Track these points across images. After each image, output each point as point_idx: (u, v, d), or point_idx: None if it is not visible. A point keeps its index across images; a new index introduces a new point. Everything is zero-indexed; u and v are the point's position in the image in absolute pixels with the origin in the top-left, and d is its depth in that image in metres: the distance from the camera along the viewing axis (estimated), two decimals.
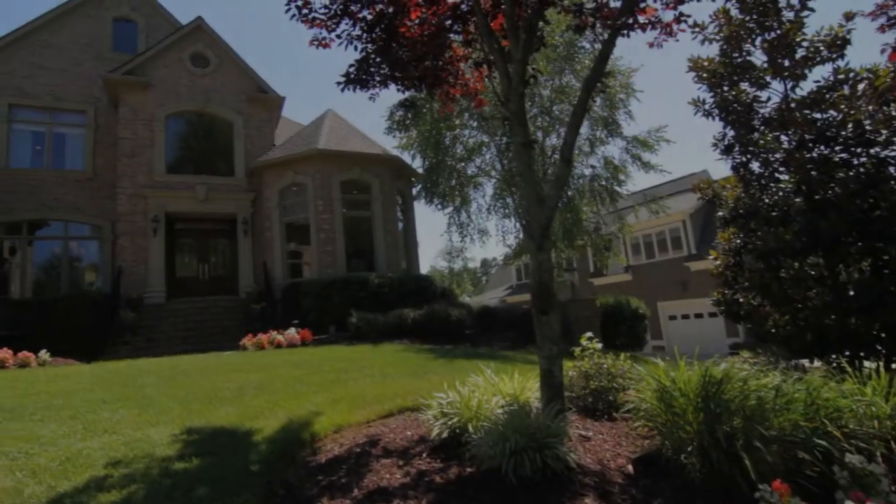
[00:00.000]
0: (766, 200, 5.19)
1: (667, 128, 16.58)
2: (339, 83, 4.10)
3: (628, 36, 3.14)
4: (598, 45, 14.56)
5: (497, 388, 3.53)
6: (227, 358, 7.16)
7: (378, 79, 4.21)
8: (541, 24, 3.18)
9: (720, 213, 5.44)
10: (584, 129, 17.37)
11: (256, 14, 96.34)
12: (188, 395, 4.36)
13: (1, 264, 13.61)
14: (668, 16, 4.18)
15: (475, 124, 16.46)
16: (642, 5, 3.14)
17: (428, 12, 4.30)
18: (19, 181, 13.49)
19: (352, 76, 4.08)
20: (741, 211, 5.33)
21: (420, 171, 17.26)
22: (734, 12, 5.63)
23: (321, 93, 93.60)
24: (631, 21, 3.12)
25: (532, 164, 3.15)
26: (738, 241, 5.07)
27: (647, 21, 3.23)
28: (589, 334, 4.29)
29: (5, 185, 13.34)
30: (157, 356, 10.59)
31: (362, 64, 4.25)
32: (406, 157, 16.92)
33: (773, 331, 5.26)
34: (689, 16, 4.19)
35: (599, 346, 4.13)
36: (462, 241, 16.41)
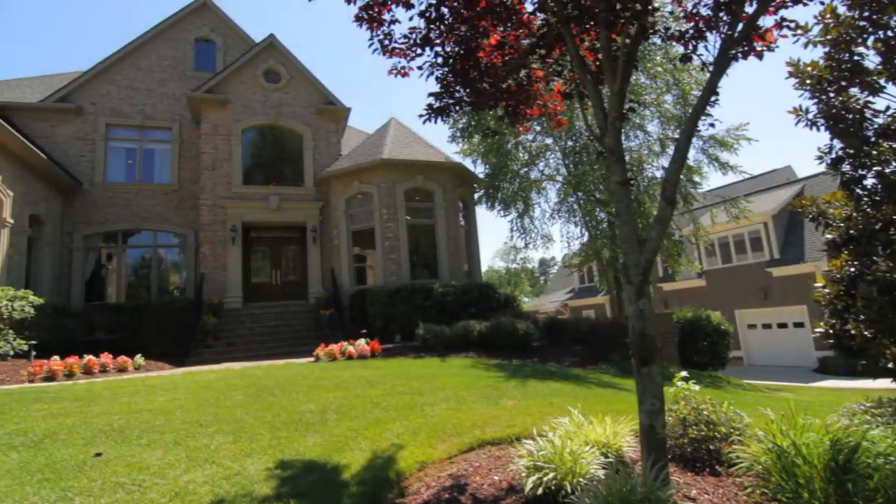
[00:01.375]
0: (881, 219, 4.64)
1: (748, 125, 15.45)
2: (421, 116, 4.08)
3: (737, 60, 2.87)
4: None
5: (587, 436, 3.35)
6: (303, 370, 7.40)
7: (457, 106, 4.15)
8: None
9: (829, 237, 4.92)
10: (654, 128, 16.58)
11: (319, 25, 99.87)
12: (275, 419, 4.51)
13: (100, 270, 14.93)
14: (767, 21, 3.82)
15: (539, 128, 16.14)
16: (762, 31, 2.85)
17: (508, 36, 4.19)
18: (115, 194, 14.72)
19: (433, 107, 4.04)
20: (852, 232, 4.80)
21: (482, 176, 17.17)
22: (842, 10, 5.07)
23: (380, 96, 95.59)
24: (747, 48, 2.84)
25: (631, 204, 2.95)
26: (853, 269, 4.55)
27: (763, 48, 2.94)
28: (684, 374, 4.00)
29: (103, 197, 14.60)
30: (236, 360, 11.24)
31: (442, 94, 4.20)
32: (468, 163, 16.89)
33: (890, 366, 4.71)
34: (792, 21, 3.81)
35: (697, 387, 3.84)
36: (525, 247, 16.13)
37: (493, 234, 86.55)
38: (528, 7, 4.11)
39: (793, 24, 4.19)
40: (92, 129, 14.73)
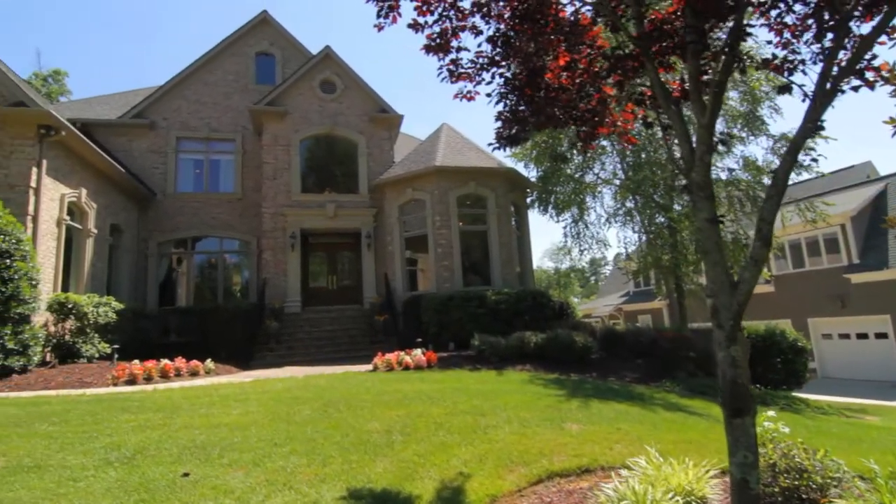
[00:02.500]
0: None
1: (825, 122, 14.34)
2: (490, 144, 4.05)
3: (843, 92, 2.64)
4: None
5: (669, 482, 3.20)
6: (364, 382, 7.55)
7: (523, 132, 4.08)
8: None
9: None
10: (719, 125, 15.74)
11: (366, 31, 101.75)
12: (343, 440, 4.62)
13: (171, 275, 15.89)
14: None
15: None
16: (876, 63, 2.60)
17: (580, 59, 4.07)
18: (185, 203, 15.61)
19: (503, 136, 4.00)
20: None
21: (533, 180, 16.92)
22: None
23: (426, 95, 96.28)
24: (859, 83, 2.61)
25: (721, 243, 2.78)
26: None
27: (874, 79, 2.68)
28: (770, 412, 3.75)
29: (174, 206, 15.52)
30: (296, 364, 11.64)
31: (510, 120, 4.15)
32: (520, 167, 16.70)
33: None
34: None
35: (786, 429, 3.59)
36: (581, 254, 15.75)
37: (542, 233, 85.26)
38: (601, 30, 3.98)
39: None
40: (164, 142, 15.69)
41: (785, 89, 2.80)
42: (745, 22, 2.76)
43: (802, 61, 2.87)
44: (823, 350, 19.24)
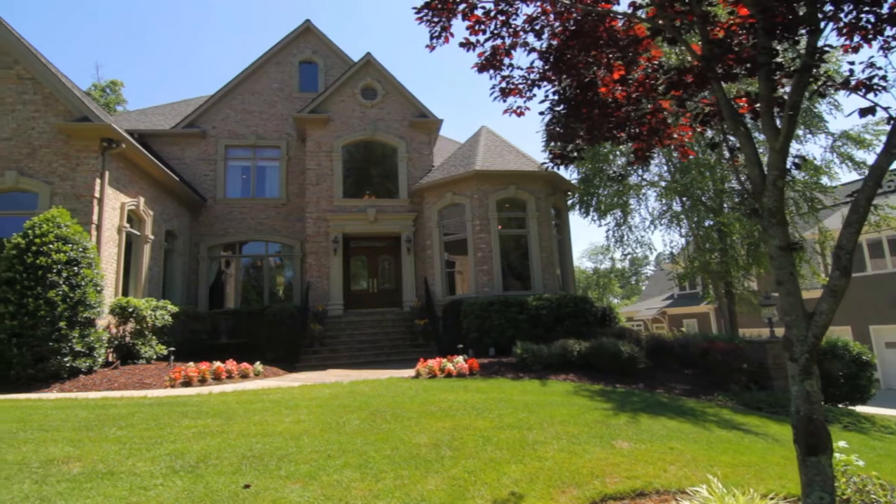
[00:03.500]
0: None
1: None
2: (543, 163, 4.02)
3: None
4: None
5: None
6: (407, 390, 7.63)
7: (577, 151, 4.02)
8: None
9: None
10: None
11: (402, 27, 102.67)
12: (394, 453, 4.68)
13: (219, 278, 16.51)
14: None
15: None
16: None
17: (635, 72, 3.97)
18: (233, 208, 16.20)
19: (556, 154, 3.95)
20: None
21: (574, 181, 16.64)
22: None
23: (460, 96, 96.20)
24: None
25: (795, 272, 2.65)
26: None
27: None
28: (842, 443, 3.56)
29: (223, 211, 16.13)
30: (340, 367, 11.89)
31: (561, 136, 4.09)
32: (560, 170, 16.44)
33: None
34: None
35: (861, 462, 3.39)
36: (625, 258, 15.38)
37: (579, 232, 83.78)
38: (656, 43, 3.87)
39: None
40: (214, 150, 16.32)
41: (867, 111, 2.62)
42: (820, 44, 2.61)
43: (884, 78, 2.68)
44: (887, 360, 18.07)
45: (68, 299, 8.49)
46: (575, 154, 4.00)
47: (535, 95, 4.31)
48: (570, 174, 17.45)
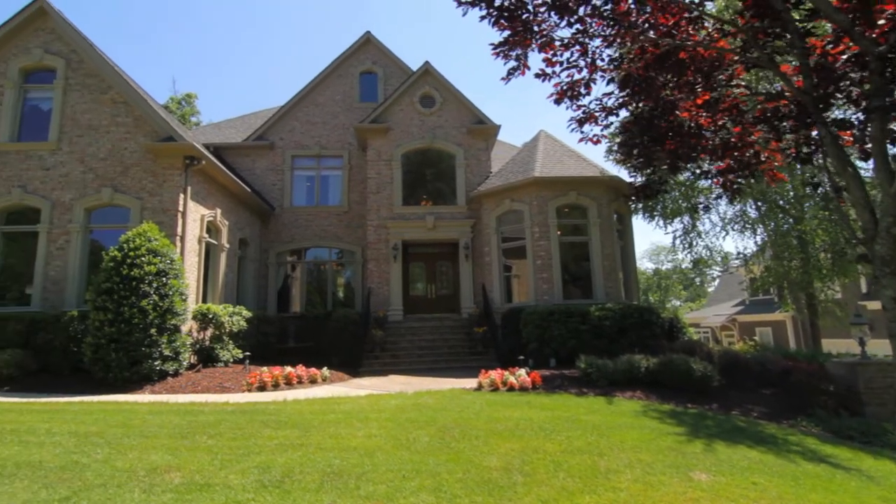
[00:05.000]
0: None
1: None
2: (630, 200, 3.95)
3: None
4: None
5: None
6: (471, 404, 7.70)
7: (659, 184, 3.91)
8: None
9: None
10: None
11: (456, 34, 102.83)
12: (466, 476, 4.76)
13: (286, 283, 17.31)
14: None
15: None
16: None
17: (723, 98, 3.82)
18: (299, 216, 16.94)
19: (638, 189, 3.87)
20: None
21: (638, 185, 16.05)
22: None
23: (514, 98, 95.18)
24: None
25: None
26: None
27: None
28: None
29: (290, 219, 16.90)
30: (401, 373, 12.14)
31: (641, 163, 3.99)
32: (623, 174, 15.94)
33: None
34: None
35: None
36: (694, 266, 14.72)
37: (638, 231, 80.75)
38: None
39: None
40: (281, 160, 17.14)
41: None
42: None
43: None
44: None
45: (158, 308, 9.22)
46: (659, 188, 3.89)
47: (611, 123, 4.23)
48: (632, 178, 16.84)
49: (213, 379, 9.74)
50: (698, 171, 3.46)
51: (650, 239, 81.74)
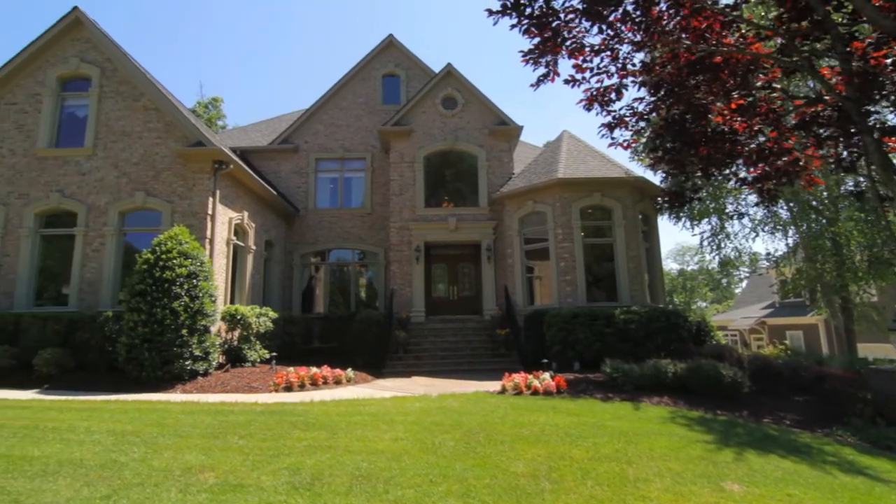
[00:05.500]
0: None
1: None
2: (659, 210, 3.90)
3: None
4: None
5: None
6: (496, 408, 7.70)
7: (692, 192, 3.84)
8: None
9: None
10: None
11: (479, 34, 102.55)
12: (493, 482, 4.77)
13: (310, 283, 17.55)
14: None
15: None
16: None
17: (759, 105, 3.74)
18: (322, 218, 17.16)
19: (672, 196, 3.82)
20: None
21: (663, 186, 15.78)
22: None
23: (535, 97, 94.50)
24: None
25: None
26: None
27: None
28: None
29: (314, 221, 17.13)
30: (424, 374, 12.16)
31: (672, 171, 3.93)
32: (648, 174, 15.69)
33: None
34: None
35: None
36: (721, 269, 14.41)
37: (662, 233, 79.33)
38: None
39: None
40: (305, 163, 17.39)
41: None
42: None
43: None
44: None
45: (189, 309, 9.46)
46: (692, 195, 3.83)
47: (642, 128, 4.18)
48: (655, 175, 16.56)
49: (241, 379, 9.95)
50: (733, 179, 3.38)
51: (675, 239, 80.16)
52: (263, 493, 4.38)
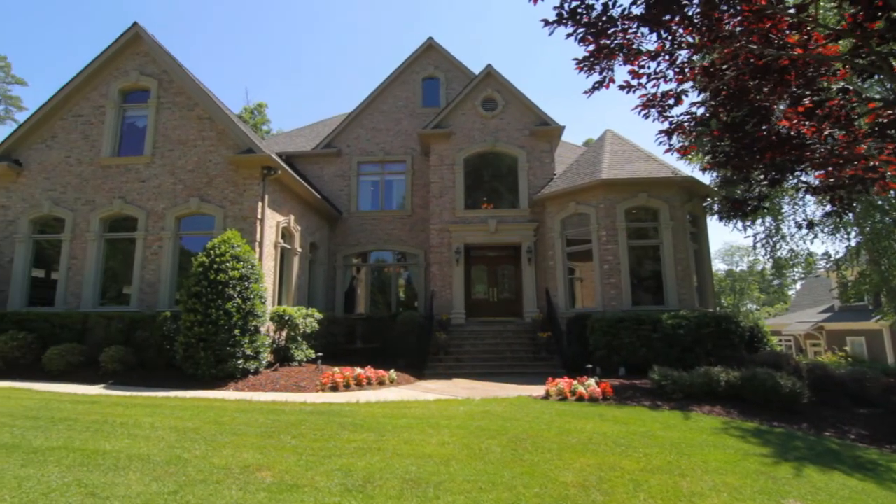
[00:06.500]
0: None
1: None
2: (720, 217, 3.78)
3: None
4: None
5: None
6: (541, 414, 7.64)
7: (757, 200, 3.70)
8: None
9: None
10: None
11: (520, 33, 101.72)
12: (543, 492, 4.74)
13: (352, 284, 17.90)
14: None
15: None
16: None
17: (832, 108, 3.57)
18: (364, 220, 17.47)
19: (734, 204, 3.68)
20: None
21: (713, 185, 15.20)
22: None
23: (576, 96, 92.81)
24: None
25: None
26: None
27: None
28: None
29: (356, 223, 17.46)
30: (464, 377, 12.16)
31: (733, 179, 3.80)
32: (696, 173, 15.14)
33: None
34: None
35: None
36: (776, 273, 13.75)
37: (711, 232, 76.37)
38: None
39: None
40: (347, 166, 17.74)
41: None
42: None
43: None
44: None
45: (241, 310, 9.84)
46: (758, 204, 3.69)
47: (701, 132, 4.06)
48: (703, 173, 15.96)
49: (289, 378, 10.26)
50: (803, 188, 3.21)
51: (723, 238, 76.92)
52: (318, 493, 4.51)
